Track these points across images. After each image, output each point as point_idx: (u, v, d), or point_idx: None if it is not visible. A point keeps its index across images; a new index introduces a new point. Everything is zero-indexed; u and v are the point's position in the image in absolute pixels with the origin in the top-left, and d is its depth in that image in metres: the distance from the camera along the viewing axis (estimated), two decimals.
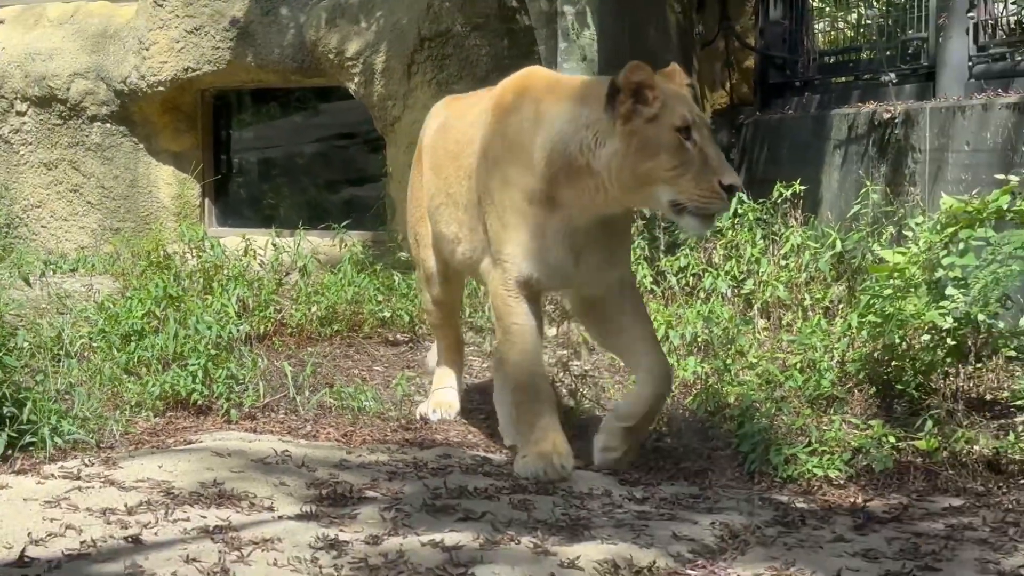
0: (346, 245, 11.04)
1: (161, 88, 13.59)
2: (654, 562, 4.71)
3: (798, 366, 7.24)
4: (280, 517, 5.14)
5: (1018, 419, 6.51)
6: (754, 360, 7.54)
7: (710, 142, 5.65)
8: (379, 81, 12.20)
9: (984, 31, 8.90)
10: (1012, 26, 9.04)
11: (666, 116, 5.58)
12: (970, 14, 9.09)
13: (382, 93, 12.22)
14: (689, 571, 4.70)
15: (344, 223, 11.48)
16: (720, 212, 5.82)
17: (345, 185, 14.31)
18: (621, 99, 5.60)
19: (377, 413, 7.30)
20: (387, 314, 9.60)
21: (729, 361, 7.48)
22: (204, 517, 5.06)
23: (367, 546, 4.76)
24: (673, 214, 5.66)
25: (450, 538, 4.84)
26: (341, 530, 4.94)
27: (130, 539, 4.72)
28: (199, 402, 7.27)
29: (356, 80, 12.44)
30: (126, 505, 5.16)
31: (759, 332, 8.24)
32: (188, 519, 5.04)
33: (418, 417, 7.23)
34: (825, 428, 6.42)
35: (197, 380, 7.31)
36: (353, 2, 12.43)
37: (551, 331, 8.99)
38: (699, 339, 8.11)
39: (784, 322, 8.37)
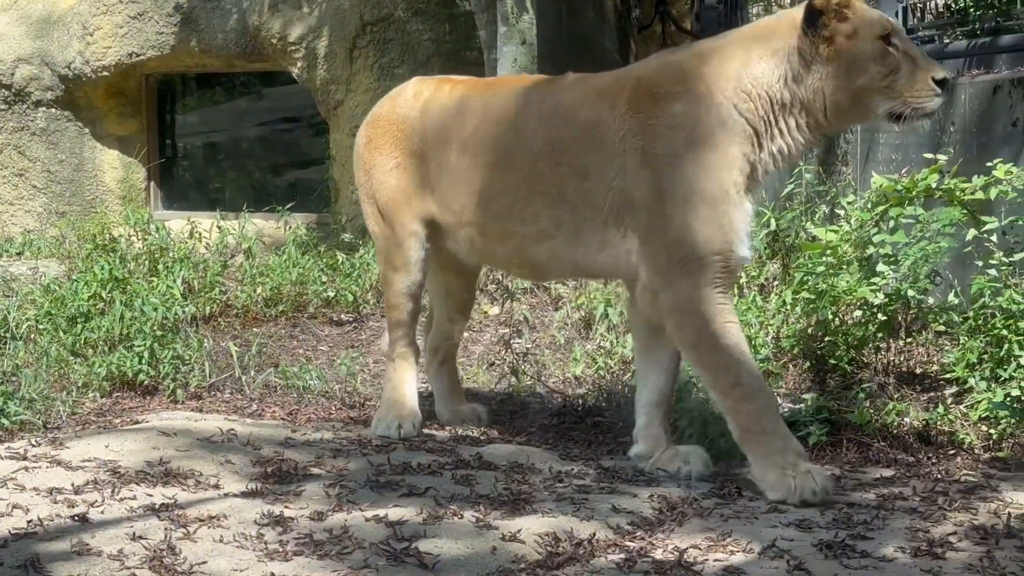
0: (290, 227, 11.08)
1: (105, 73, 13.54)
2: (594, 534, 4.79)
3: None
4: (226, 495, 5.20)
5: (947, 391, 6.63)
6: None
7: (911, 43, 5.58)
8: (322, 65, 12.22)
9: (913, 14, 9.03)
10: (940, 9, 9.17)
11: (867, 27, 5.44)
12: (900, 2, 9.20)
13: (325, 77, 12.25)
14: (628, 542, 4.77)
15: (288, 206, 11.53)
16: (937, 107, 5.59)
17: (289, 168, 14.31)
18: (824, 21, 5.42)
19: (322, 392, 7.36)
20: (331, 294, 9.64)
21: None
22: (150, 495, 5.11)
23: (312, 522, 4.82)
24: (889, 121, 5.54)
25: (394, 513, 4.90)
26: (286, 507, 5.00)
27: (77, 518, 4.77)
28: (145, 383, 7.32)
29: (299, 65, 12.45)
30: (73, 484, 5.21)
31: None
32: (134, 497, 5.09)
33: (374, 432, 6.46)
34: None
35: (143, 361, 7.36)
36: None
37: (494, 310, 9.07)
38: None
39: None
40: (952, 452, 6.02)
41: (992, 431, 6.10)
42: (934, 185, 6.83)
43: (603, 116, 5.73)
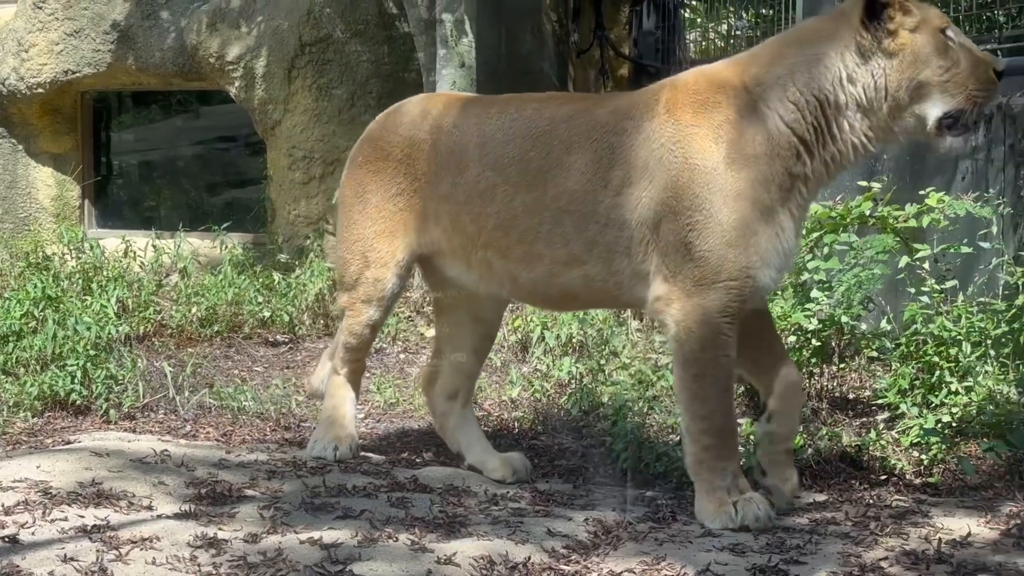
0: (226, 247, 11.03)
1: (40, 90, 13.43)
2: (529, 557, 4.78)
3: (670, 366, 7.35)
4: (159, 516, 5.16)
5: (879, 417, 6.70)
6: (627, 360, 7.66)
7: (964, 36, 5.48)
8: (260, 85, 12.19)
9: None
10: None
11: (928, 20, 5.33)
12: None
13: (263, 97, 12.21)
14: (563, 566, 4.77)
15: (224, 225, 11.49)
16: (993, 103, 5.60)
17: (225, 188, 14.23)
18: (890, 13, 5.27)
19: (257, 413, 7.33)
20: (267, 315, 9.61)
21: (603, 361, 7.60)
22: (82, 516, 5.06)
23: (246, 544, 4.79)
24: (937, 134, 5.36)
25: (328, 535, 4.88)
26: (220, 528, 4.97)
27: (7, 539, 4.71)
28: (78, 402, 7.26)
29: (237, 84, 12.41)
30: (3, 505, 5.14)
31: (632, 333, 8.36)
32: (66, 519, 5.03)
33: (310, 452, 6.36)
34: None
35: (76, 380, 7.30)
36: (234, 7, 12.40)
37: (431, 332, 9.06)
38: (574, 340, 8.22)
39: (656, 324, 8.49)
40: (884, 477, 6.07)
41: (923, 457, 6.16)
42: (868, 212, 6.90)
43: (640, 124, 5.50)
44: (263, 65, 12.15)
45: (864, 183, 7.42)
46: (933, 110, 5.32)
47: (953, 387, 6.47)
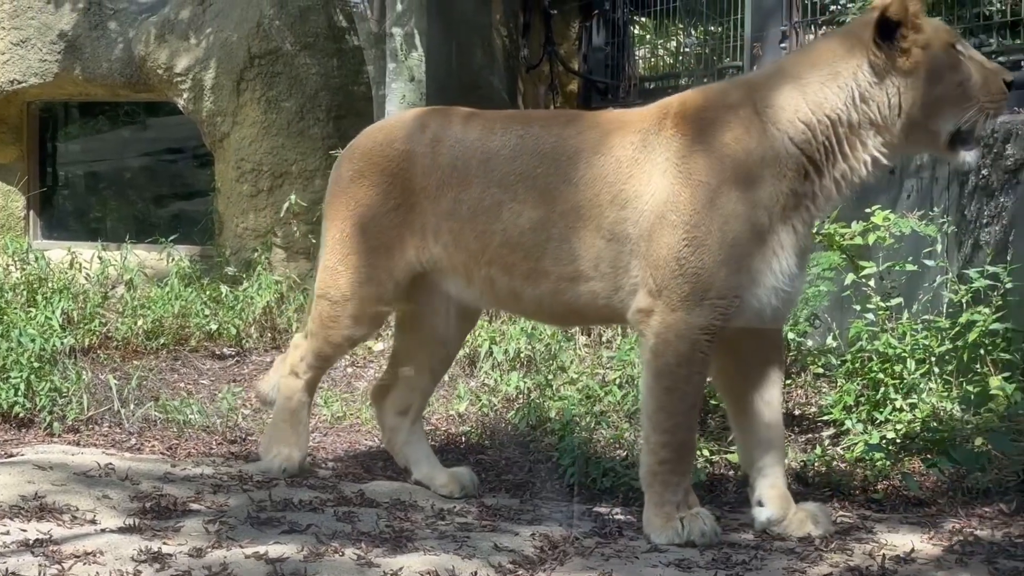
0: (173, 259, 10.97)
1: None
2: (475, 572, 4.79)
3: (617, 381, 7.39)
4: (103, 530, 5.13)
5: (824, 433, 6.75)
6: (575, 375, 7.67)
7: (972, 48, 5.50)
8: (208, 97, 12.14)
9: None
10: None
11: (940, 36, 5.34)
12: (782, 44, 9.38)
13: (211, 109, 12.16)
14: None
15: (171, 237, 11.42)
16: (1002, 111, 5.53)
17: (173, 200, 14.16)
18: (903, 33, 5.26)
19: (203, 426, 7.29)
20: (214, 327, 9.58)
21: (551, 376, 7.62)
22: (24, 531, 5.03)
23: (191, 559, 4.77)
24: (949, 149, 5.37)
25: (274, 550, 4.87)
26: (164, 543, 4.95)
27: None
28: (21, 415, 7.21)
29: (185, 96, 12.35)
30: None
31: (580, 348, 8.38)
32: (8, 532, 5.00)
33: (262, 467, 6.27)
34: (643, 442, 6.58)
35: (19, 393, 7.25)
36: (183, 18, 12.35)
37: (378, 346, 9.05)
38: (522, 355, 8.23)
39: (604, 339, 8.52)
40: (828, 493, 6.09)
41: (867, 473, 6.19)
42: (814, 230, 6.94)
43: (648, 139, 5.48)
44: (212, 77, 12.10)
45: None
46: (946, 125, 5.33)
47: (898, 404, 6.53)
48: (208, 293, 10.20)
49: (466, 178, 5.82)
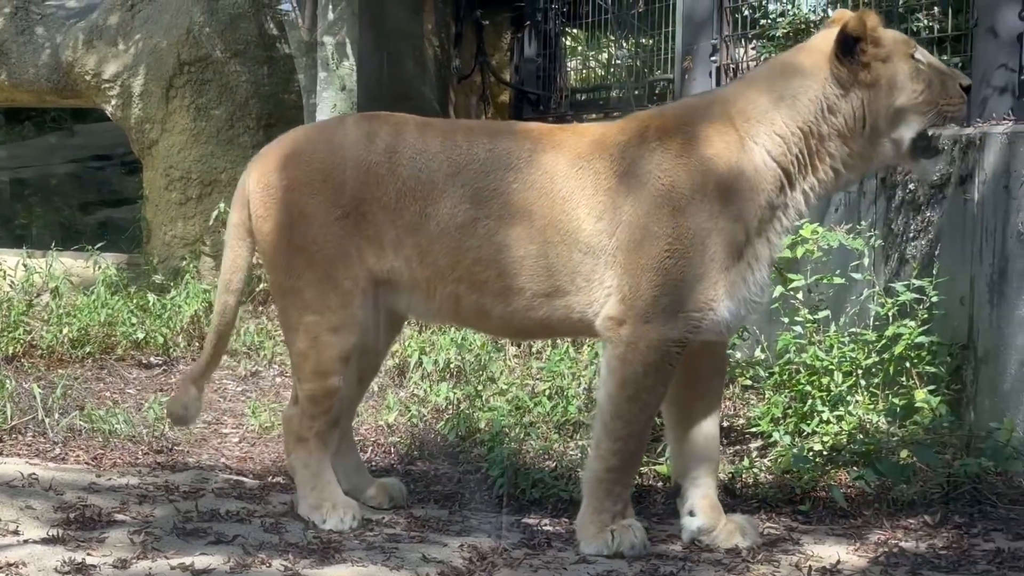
0: (100, 267, 10.89)
1: None
2: None
3: (547, 393, 7.40)
4: (26, 541, 5.08)
5: (752, 445, 6.79)
6: (505, 386, 7.68)
7: (931, 56, 5.59)
8: (137, 104, 12.06)
9: (726, 74, 9.26)
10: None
11: (899, 48, 5.44)
12: (713, 58, 9.44)
13: (140, 116, 12.09)
14: None
15: (98, 245, 11.33)
16: (961, 115, 5.61)
17: (100, 207, 14.08)
18: (863, 47, 5.35)
19: (129, 436, 7.22)
20: (141, 336, 9.50)
21: (480, 387, 7.62)
22: None
23: (115, 570, 4.73)
24: (911, 157, 5.49)
25: (200, 561, 4.84)
26: (89, 554, 4.90)
27: None
28: None
29: (113, 102, 12.27)
30: None
31: (510, 359, 8.39)
32: None
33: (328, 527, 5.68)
34: (571, 453, 6.60)
35: None
36: (111, 24, 12.27)
37: None
38: (452, 365, 8.22)
39: (534, 350, 8.53)
40: (756, 505, 6.13)
41: (795, 485, 6.23)
42: None
43: (627, 151, 5.46)
44: (140, 83, 12.03)
45: None
46: (908, 132, 5.43)
47: (825, 416, 6.57)
48: (135, 301, 10.14)
49: (432, 193, 5.62)
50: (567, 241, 5.46)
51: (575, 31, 12.75)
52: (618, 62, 11.88)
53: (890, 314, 6.84)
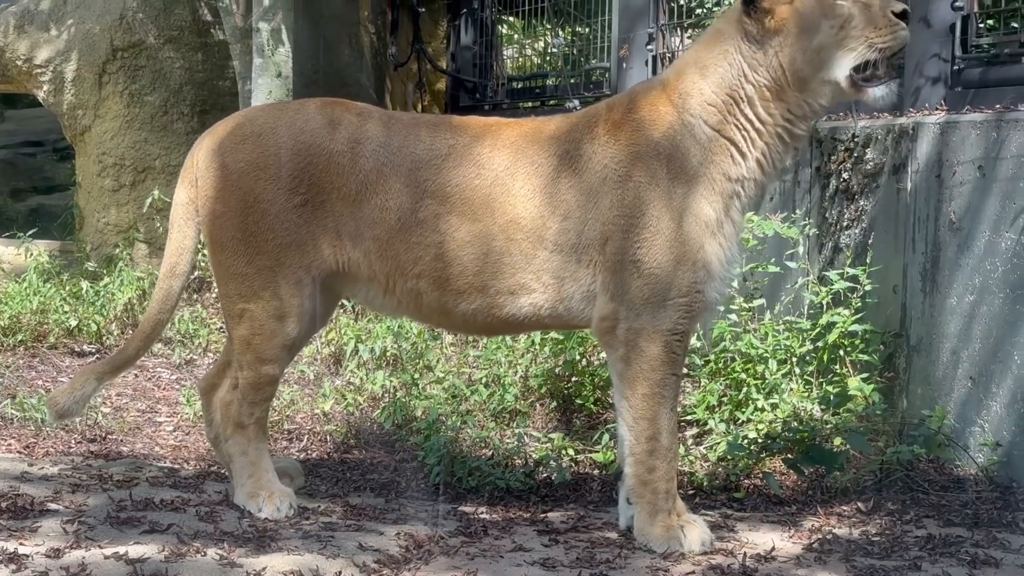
0: (32, 254, 10.78)
1: None
2: (340, 572, 4.78)
3: (483, 381, 7.41)
4: None
5: (688, 433, 6.83)
6: (441, 375, 7.68)
7: None
8: (69, 90, 11.94)
9: (662, 63, 9.29)
10: None
11: None
12: (649, 47, 9.48)
13: (72, 102, 11.97)
14: None
15: (30, 232, 11.20)
16: (905, 42, 5.36)
17: (32, 193, 13.95)
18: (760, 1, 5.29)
19: (61, 425, 7.16)
20: (74, 324, 9.43)
21: (417, 375, 7.61)
22: None
23: (48, 559, 4.70)
24: (856, 91, 5.32)
25: (135, 551, 4.82)
26: (21, 543, 4.87)
27: None
28: None
29: (45, 88, 12.14)
30: None
31: (447, 347, 8.39)
32: None
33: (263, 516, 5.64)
34: (508, 441, 6.61)
35: None
36: (43, 8, 12.14)
37: None
38: (388, 353, 8.20)
39: (471, 338, 8.53)
40: (692, 492, 6.17)
41: (730, 472, 6.28)
42: None
43: (582, 147, 5.46)
44: (73, 69, 11.91)
45: None
46: (838, 70, 5.30)
47: (759, 404, 6.62)
48: (68, 289, 10.05)
49: (393, 187, 5.56)
50: (531, 239, 5.44)
51: (511, 19, 12.76)
52: (554, 51, 11.88)
53: (824, 302, 6.89)
